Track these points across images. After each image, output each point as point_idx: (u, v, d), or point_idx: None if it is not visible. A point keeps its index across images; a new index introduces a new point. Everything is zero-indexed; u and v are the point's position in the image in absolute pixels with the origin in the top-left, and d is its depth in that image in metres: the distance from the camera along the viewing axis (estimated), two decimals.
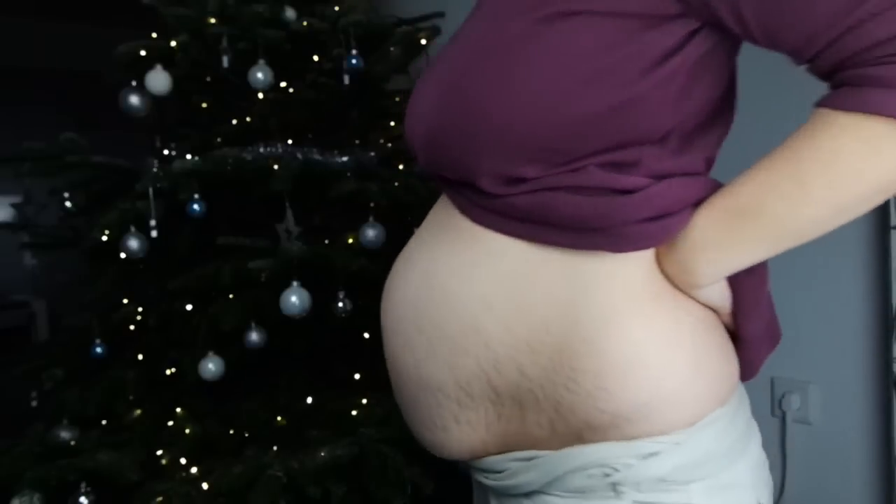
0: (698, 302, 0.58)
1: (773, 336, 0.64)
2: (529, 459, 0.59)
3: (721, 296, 0.58)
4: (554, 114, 0.52)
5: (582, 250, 0.55)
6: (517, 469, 0.60)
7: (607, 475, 0.55)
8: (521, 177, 0.55)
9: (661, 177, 0.54)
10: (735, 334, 0.61)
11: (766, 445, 1.25)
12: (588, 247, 0.55)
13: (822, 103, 0.50)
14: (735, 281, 0.58)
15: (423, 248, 0.64)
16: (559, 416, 0.56)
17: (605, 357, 0.54)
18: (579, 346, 0.54)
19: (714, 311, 0.60)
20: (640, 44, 0.52)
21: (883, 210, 1.08)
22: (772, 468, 1.24)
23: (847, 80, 0.49)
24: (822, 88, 0.52)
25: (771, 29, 0.50)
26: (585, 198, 0.54)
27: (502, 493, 0.64)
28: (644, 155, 0.54)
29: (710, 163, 0.61)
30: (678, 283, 0.57)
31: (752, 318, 0.60)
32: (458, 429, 0.61)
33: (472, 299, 0.58)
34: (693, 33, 0.53)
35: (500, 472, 0.62)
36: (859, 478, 1.14)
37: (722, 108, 0.60)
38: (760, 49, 0.54)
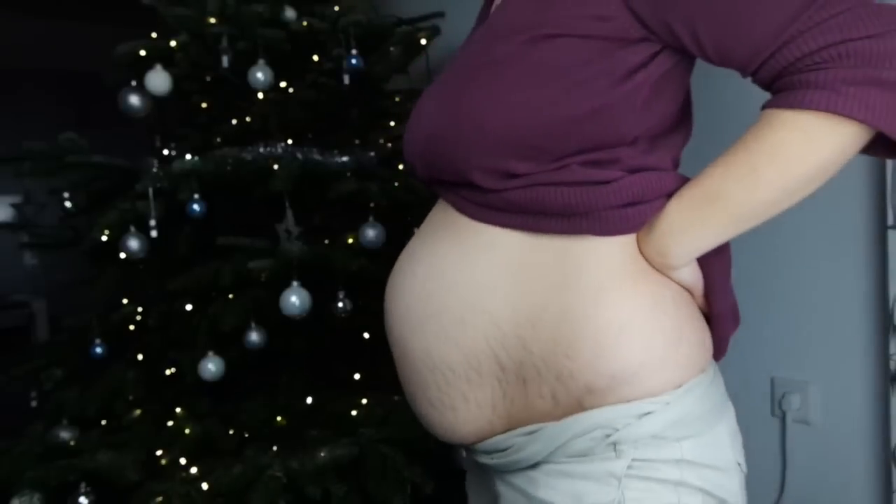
0: (674, 282, 0.67)
1: (735, 317, 0.72)
2: (533, 433, 0.65)
3: (693, 277, 0.67)
4: (540, 117, 0.62)
5: (571, 235, 0.64)
6: (522, 443, 0.65)
7: (608, 435, 0.61)
8: (513, 173, 0.64)
9: (634, 171, 0.64)
10: (706, 313, 0.70)
11: (766, 445, 1.25)
12: (576, 231, 0.64)
13: (766, 105, 0.60)
14: (706, 263, 0.67)
15: (426, 245, 0.72)
16: (561, 385, 0.63)
17: (601, 324, 0.62)
18: (576, 317, 0.62)
19: (688, 291, 0.68)
20: (611, 61, 0.62)
21: (881, 210, 1.09)
22: (772, 468, 1.24)
23: (785, 86, 0.59)
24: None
25: (722, 49, 0.60)
26: (571, 188, 0.63)
27: (506, 469, 0.69)
28: (620, 155, 0.64)
29: (676, 162, 0.71)
30: (655, 265, 0.65)
31: (721, 297, 0.69)
32: (466, 409, 0.68)
33: (478, 284, 0.65)
34: (655, 54, 0.63)
35: (504, 449, 0.67)
36: (859, 478, 1.14)
37: (682, 117, 0.71)
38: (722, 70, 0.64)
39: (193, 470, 1.25)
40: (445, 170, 0.68)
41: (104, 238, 1.40)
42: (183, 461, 1.30)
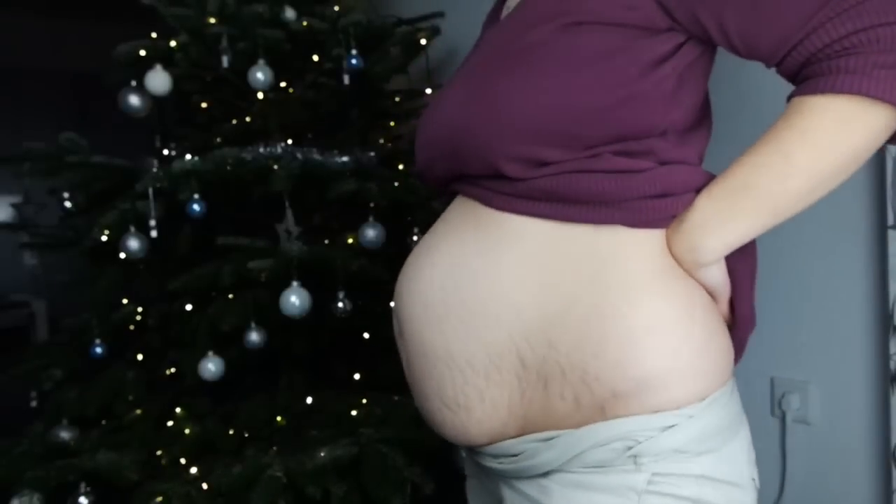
0: (701, 284, 0.65)
1: (754, 319, 0.71)
2: (549, 440, 0.63)
3: (722, 277, 0.65)
4: (572, 104, 0.61)
5: (601, 225, 0.62)
6: (535, 449, 0.63)
7: (629, 447, 0.59)
8: (543, 161, 0.62)
9: (665, 164, 0.63)
10: (727, 318, 0.69)
11: (766, 445, 1.25)
12: (605, 220, 0.62)
13: (794, 94, 0.60)
14: (732, 263, 0.66)
15: (446, 238, 0.70)
16: (584, 386, 0.60)
17: (630, 323, 0.60)
18: (605, 315, 0.60)
19: (713, 294, 0.66)
20: (639, 49, 0.61)
21: (881, 210, 1.09)
22: (772, 468, 1.24)
23: (813, 73, 0.58)
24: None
25: (749, 39, 0.60)
26: (602, 176, 0.62)
27: (516, 475, 0.67)
28: (652, 146, 0.63)
29: (701, 158, 0.70)
30: (685, 264, 0.64)
31: (746, 298, 0.68)
32: (481, 408, 0.65)
33: (504, 276, 0.64)
34: (680, 45, 0.63)
35: (516, 455, 0.65)
36: (859, 478, 1.14)
37: (705, 111, 0.70)
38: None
39: (193, 470, 1.25)
40: (471, 162, 0.66)
41: (104, 238, 1.40)
42: (183, 461, 1.31)
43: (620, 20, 0.61)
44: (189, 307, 1.46)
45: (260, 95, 1.55)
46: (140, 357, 1.53)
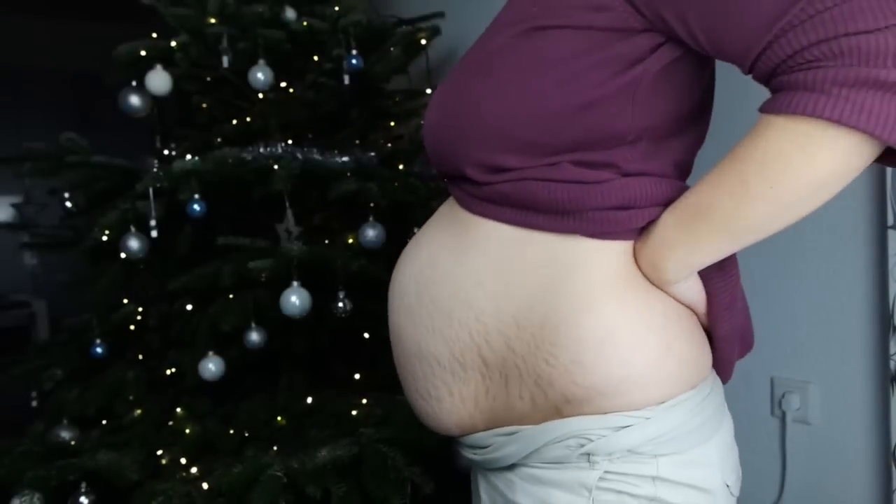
0: (675, 299, 0.64)
1: (744, 341, 0.70)
2: (511, 434, 0.64)
3: (694, 294, 0.64)
4: (531, 110, 0.60)
5: (561, 234, 0.62)
6: (501, 443, 0.65)
7: (582, 445, 0.60)
8: (504, 167, 0.62)
9: (629, 175, 0.61)
10: (709, 332, 0.67)
11: (766, 445, 1.25)
12: (565, 230, 0.62)
13: (761, 108, 0.54)
14: (709, 281, 0.64)
15: (430, 234, 0.72)
16: (539, 390, 0.62)
17: (582, 333, 0.60)
18: (559, 322, 0.60)
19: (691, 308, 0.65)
20: (607, 53, 0.59)
21: (881, 210, 1.08)
22: (772, 468, 1.24)
23: (780, 85, 0.53)
24: None
25: (714, 40, 0.55)
26: (559, 185, 0.61)
27: (487, 466, 0.69)
28: (615, 157, 0.61)
29: (680, 167, 0.67)
30: (651, 279, 0.63)
31: (724, 318, 0.66)
32: (450, 401, 0.68)
33: (467, 278, 0.65)
34: (657, 46, 0.59)
35: (485, 447, 0.67)
36: (859, 478, 1.14)
37: (692, 120, 0.66)
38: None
39: (194, 470, 1.25)
40: (445, 162, 0.68)
41: (104, 238, 1.40)
42: (183, 461, 1.31)
43: (588, 23, 0.59)
44: (189, 307, 1.46)
45: (260, 95, 1.55)
46: (140, 357, 1.54)
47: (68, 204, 1.64)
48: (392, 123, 1.80)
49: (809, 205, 0.55)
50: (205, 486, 1.17)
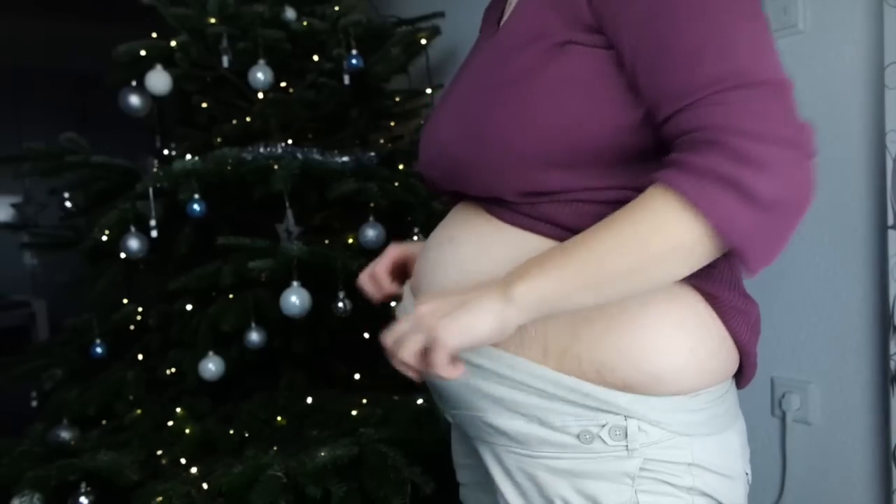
0: (696, 296, 0.65)
1: (756, 328, 0.70)
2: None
3: (494, 336, 0.60)
4: (568, 135, 0.60)
5: None
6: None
7: (611, 426, 0.62)
8: (545, 190, 0.63)
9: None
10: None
11: (765, 445, 1.25)
12: None
13: (652, 175, 0.57)
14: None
15: (455, 230, 0.72)
16: (598, 376, 0.62)
17: (650, 322, 0.62)
18: (625, 314, 0.62)
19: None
20: (623, 73, 0.59)
21: (881, 210, 1.08)
22: (772, 468, 1.24)
23: (673, 156, 0.56)
24: None
25: (644, 76, 0.57)
26: (606, 206, 0.61)
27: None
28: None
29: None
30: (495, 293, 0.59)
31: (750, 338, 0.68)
32: None
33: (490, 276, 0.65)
34: None
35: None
36: (859, 478, 1.14)
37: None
38: None
39: (193, 470, 1.25)
40: (473, 188, 0.68)
41: (104, 238, 1.40)
42: (183, 461, 1.31)
43: (592, 42, 0.60)
44: (189, 307, 1.46)
45: (260, 95, 1.55)
46: (140, 357, 1.54)
47: (68, 204, 1.64)
48: (392, 123, 1.80)
49: (648, 274, 0.57)
50: (205, 486, 1.17)
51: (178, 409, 1.43)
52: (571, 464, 0.63)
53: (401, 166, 1.60)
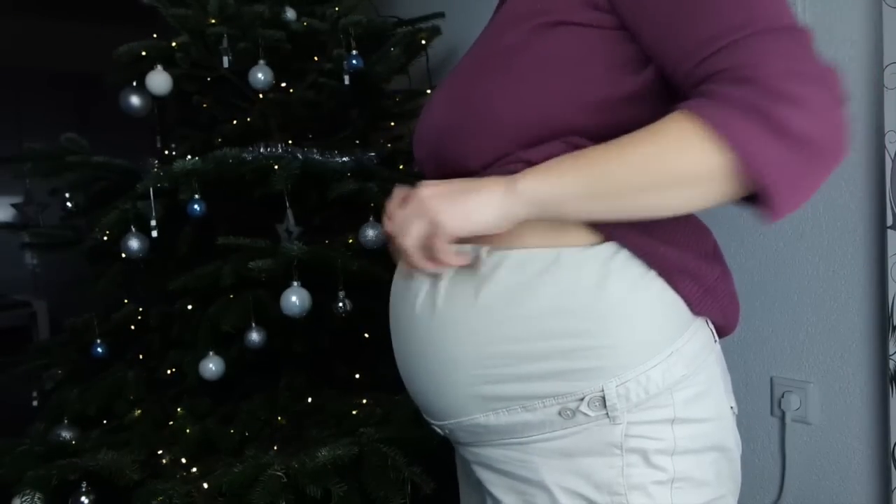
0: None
1: (716, 293, 0.68)
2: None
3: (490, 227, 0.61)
4: (545, 110, 0.61)
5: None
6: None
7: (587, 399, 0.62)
8: (515, 162, 0.63)
9: None
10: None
11: (765, 445, 1.25)
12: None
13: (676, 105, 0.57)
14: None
15: None
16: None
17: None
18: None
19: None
20: (616, 53, 0.60)
21: (881, 210, 1.09)
22: (771, 468, 1.24)
23: (701, 92, 0.55)
24: None
25: (658, 37, 0.57)
26: None
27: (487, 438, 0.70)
28: None
29: None
30: (486, 195, 0.60)
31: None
32: None
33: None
34: None
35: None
36: (859, 478, 1.15)
37: None
38: None
39: (194, 470, 1.25)
40: (449, 161, 0.68)
41: (105, 238, 1.40)
42: (183, 461, 1.31)
43: (588, 20, 0.60)
44: (189, 307, 1.46)
45: (260, 95, 1.55)
46: (140, 357, 1.54)
47: (69, 204, 1.64)
48: (392, 123, 1.80)
49: (660, 197, 0.57)
50: (205, 485, 1.17)
51: (179, 409, 1.43)
52: (561, 443, 0.64)
53: (401, 166, 1.60)
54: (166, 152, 1.67)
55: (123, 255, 1.37)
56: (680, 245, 0.65)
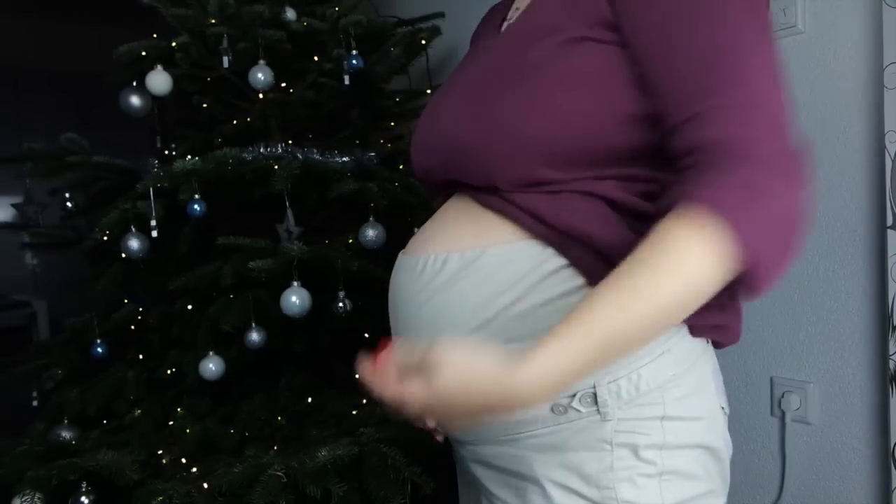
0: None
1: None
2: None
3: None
4: (572, 126, 0.61)
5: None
6: None
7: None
8: (542, 180, 0.64)
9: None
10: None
11: (765, 445, 1.25)
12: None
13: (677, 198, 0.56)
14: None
15: (449, 224, 0.72)
16: None
17: None
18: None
19: None
20: (636, 70, 0.60)
21: (881, 210, 1.09)
22: (771, 468, 1.24)
23: (688, 171, 0.57)
24: None
25: (654, 74, 0.58)
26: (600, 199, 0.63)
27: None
28: (656, 172, 0.62)
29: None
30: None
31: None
32: None
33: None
34: None
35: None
36: (859, 478, 1.15)
37: None
38: None
39: (194, 469, 1.25)
40: (471, 176, 0.68)
41: (105, 238, 1.40)
42: (183, 461, 1.31)
43: (608, 38, 0.61)
44: (189, 307, 1.46)
45: (260, 95, 1.55)
46: (140, 357, 1.54)
47: (69, 204, 1.64)
48: (392, 124, 1.80)
49: (686, 311, 0.56)
50: (205, 485, 1.17)
51: (179, 409, 1.43)
52: (553, 438, 0.65)
53: (401, 166, 1.60)
54: (166, 152, 1.67)
55: (123, 255, 1.37)
56: None
